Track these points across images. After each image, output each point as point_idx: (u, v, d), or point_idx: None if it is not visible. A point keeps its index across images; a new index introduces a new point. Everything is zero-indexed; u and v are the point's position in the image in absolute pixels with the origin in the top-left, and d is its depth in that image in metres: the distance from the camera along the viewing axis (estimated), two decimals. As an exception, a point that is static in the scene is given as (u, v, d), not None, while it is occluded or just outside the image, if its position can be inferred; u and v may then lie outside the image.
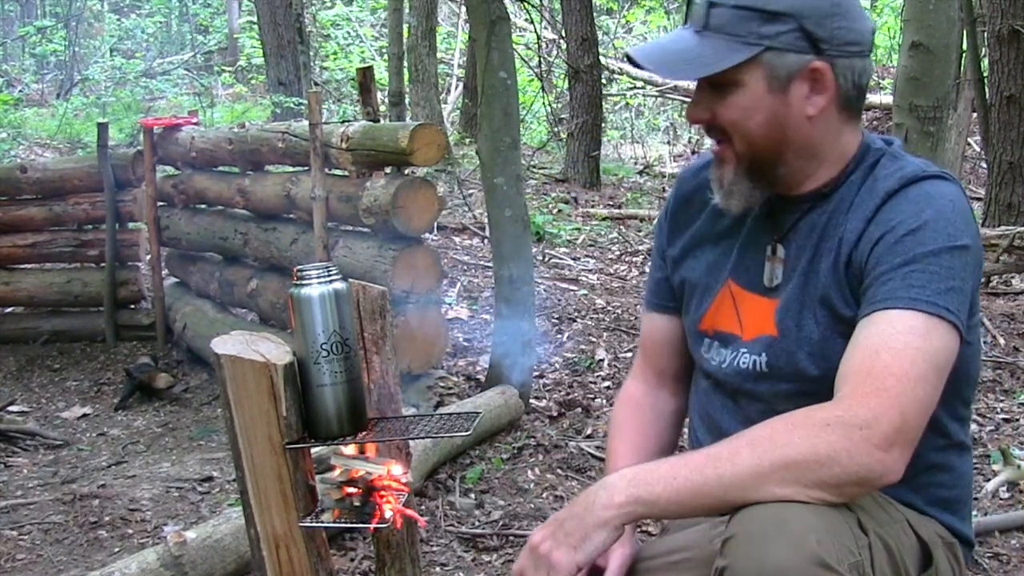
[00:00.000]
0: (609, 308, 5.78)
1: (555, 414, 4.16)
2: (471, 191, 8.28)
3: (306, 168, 4.53)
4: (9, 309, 6.33)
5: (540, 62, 11.98)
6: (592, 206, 8.97)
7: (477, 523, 3.19)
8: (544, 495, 3.43)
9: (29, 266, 6.38)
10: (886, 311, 1.37)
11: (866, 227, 1.45)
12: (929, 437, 1.50)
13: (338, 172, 4.45)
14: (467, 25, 10.62)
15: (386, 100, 10.17)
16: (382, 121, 4.49)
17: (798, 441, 1.31)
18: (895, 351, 1.34)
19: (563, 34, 10.43)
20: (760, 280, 1.57)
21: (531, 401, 4.15)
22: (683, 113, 12.33)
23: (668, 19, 17.99)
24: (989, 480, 3.31)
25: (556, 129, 11.79)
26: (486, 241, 6.60)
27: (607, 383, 4.59)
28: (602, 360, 4.85)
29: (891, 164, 1.50)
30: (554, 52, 12.19)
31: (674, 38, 1.50)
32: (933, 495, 1.54)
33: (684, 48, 1.46)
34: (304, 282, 1.47)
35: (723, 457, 1.34)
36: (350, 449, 1.53)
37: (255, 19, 11.11)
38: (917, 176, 1.46)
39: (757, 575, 1.25)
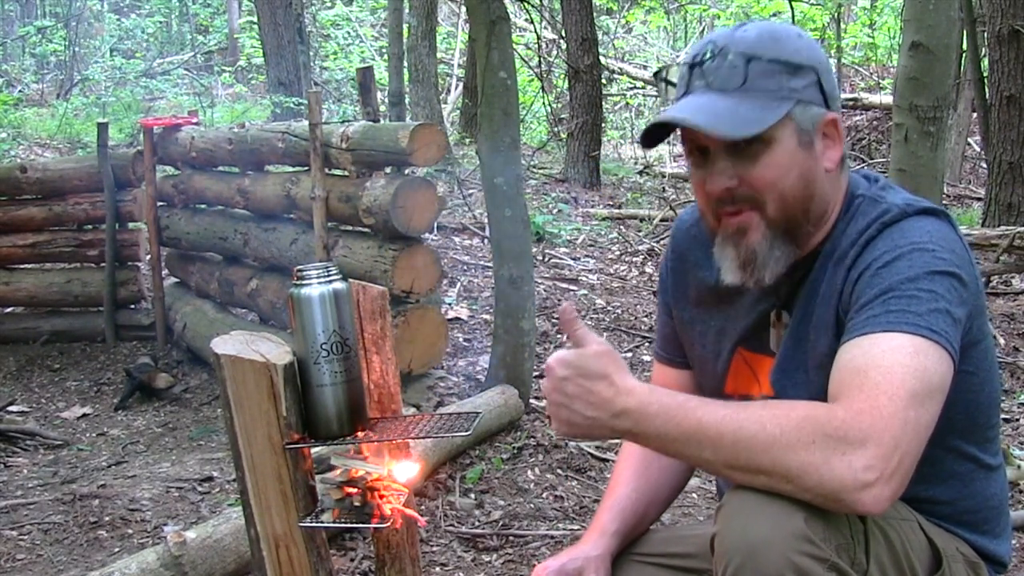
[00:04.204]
0: (609, 308, 5.78)
1: (555, 414, 4.15)
2: (471, 191, 8.28)
3: (306, 168, 4.53)
4: (9, 309, 6.32)
5: (540, 62, 11.98)
6: (592, 206, 8.97)
7: (477, 523, 3.19)
8: (544, 495, 3.43)
9: (29, 266, 6.37)
10: (869, 335, 1.33)
11: (847, 274, 1.44)
12: (948, 460, 1.50)
13: (338, 172, 4.45)
14: (467, 25, 10.62)
15: (386, 100, 10.16)
16: (382, 121, 4.49)
17: (776, 453, 1.26)
18: (883, 368, 1.29)
19: (563, 34, 10.43)
20: (768, 345, 1.57)
21: (531, 401, 4.15)
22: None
23: (668, 19, 18.01)
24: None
25: (556, 129, 11.79)
26: (486, 241, 6.60)
27: (607, 383, 4.59)
28: (602, 360, 4.85)
29: (871, 209, 1.48)
30: (554, 52, 12.19)
31: (702, 102, 1.43)
32: (958, 518, 1.52)
33: (725, 107, 1.40)
34: (304, 282, 1.47)
35: (708, 438, 1.30)
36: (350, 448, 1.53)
37: (255, 19, 11.11)
38: (897, 217, 1.45)
39: (742, 543, 1.28)
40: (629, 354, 4.98)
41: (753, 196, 1.45)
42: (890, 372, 1.28)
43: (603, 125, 10.63)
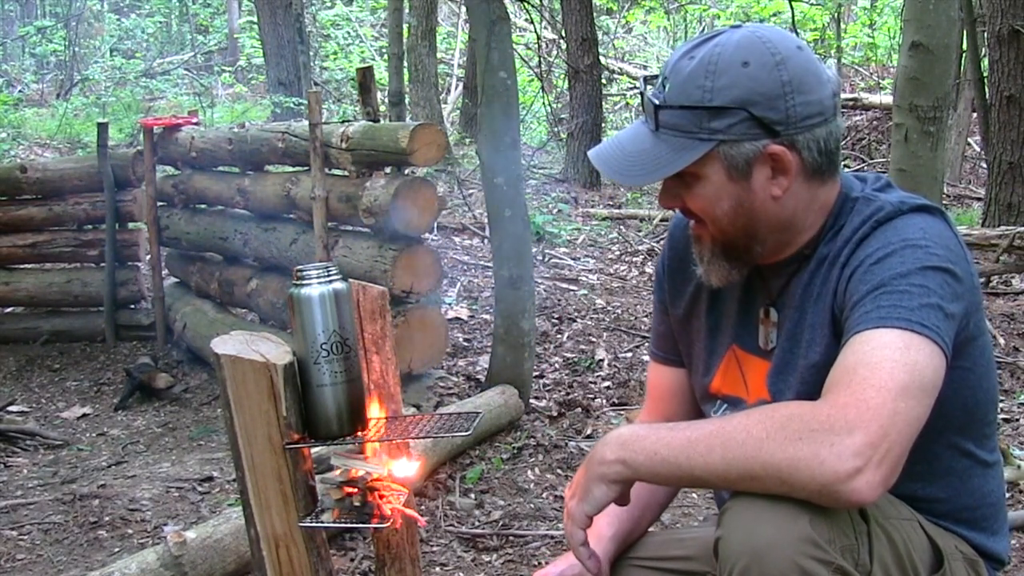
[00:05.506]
0: (609, 308, 5.78)
1: (555, 414, 4.16)
2: (471, 191, 8.28)
3: (306, 168, 4.53)
4: (9, 309, 6.32)
5: (540, 62, 11.98)
6: (592, 206, 8.98)
7: (477, 523, 3.19)
8: (544, 495, 3.43)
9: (29, 266, 6.37)
10: (859, 334, 1.33)
11: (841, 272, 1.44)
12: (945, 456, 1.50)
13: (338, 172, 4.45)
14: (467, 25, 10.63)
15: (386, 100, 10.17)
16: (382, 121, 4.49)
17: (766, 455, 1.27)
18: (871, 365, 1.29)
19: (563, 34, 10.43)
20: (757, 343, 1.57)
21: (531, 401, 4.15)
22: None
23: (668, 19, 18.01)
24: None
25: (556, 129, 11.80)
26: (486, 241, 6.60)
27: (607, 383, 4.60)
28: (602, 360, 4.85)
29: (865, 208, 1.47)
30: (554, 52, 12.19)
31: (632, 136, 1.49)
32: (956, 515, 1.52)
33: (641, 149, 1.46)
34: (304, 282, 1.47)
35: (699, 450, 1.32)
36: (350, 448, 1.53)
37: (255, 19, 11.12)
38: (890, 214, 1.44)
39: (747, 547, 1.28)
40: (629, 354, 4.98)
41: (696, 215, 1.51)
42: (878, 367, 1.28)
43: (603, 125, 10.63)
